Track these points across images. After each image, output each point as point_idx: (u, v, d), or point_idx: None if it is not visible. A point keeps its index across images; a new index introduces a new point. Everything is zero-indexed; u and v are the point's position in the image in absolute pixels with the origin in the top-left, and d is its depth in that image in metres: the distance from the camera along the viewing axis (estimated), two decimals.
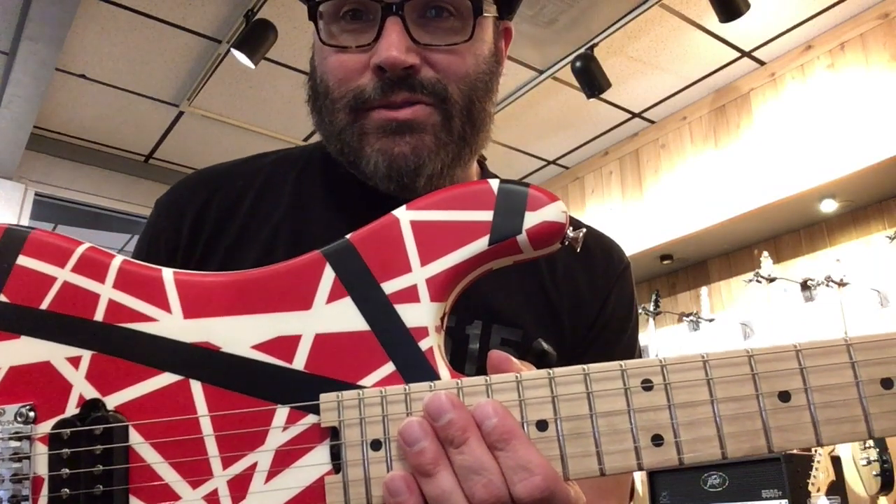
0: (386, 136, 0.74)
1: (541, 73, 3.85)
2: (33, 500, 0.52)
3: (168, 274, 0.58)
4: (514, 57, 3.67)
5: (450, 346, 0.76)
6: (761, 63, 3.83)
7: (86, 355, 0.55)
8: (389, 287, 0.54)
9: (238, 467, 0.51)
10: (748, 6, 3.07)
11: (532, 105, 4.13)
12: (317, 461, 0.50)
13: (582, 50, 3.57)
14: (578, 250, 0.58)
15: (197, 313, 0.56)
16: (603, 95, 3.75)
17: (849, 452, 3.19)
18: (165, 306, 0.56)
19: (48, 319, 0.56)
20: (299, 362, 0.53)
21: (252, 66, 3.37)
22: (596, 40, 3.54)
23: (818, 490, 2.98)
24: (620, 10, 3.39)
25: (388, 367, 0.52)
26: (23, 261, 0.58)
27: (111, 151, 4.64)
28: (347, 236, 0.57)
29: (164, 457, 0.52)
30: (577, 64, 3.57)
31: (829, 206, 3.64)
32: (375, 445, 0.49)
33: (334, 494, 0.49)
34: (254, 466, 0.51)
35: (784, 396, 0.47)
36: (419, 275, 0.54)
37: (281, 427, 0.51)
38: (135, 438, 0.52)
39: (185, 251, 0.82)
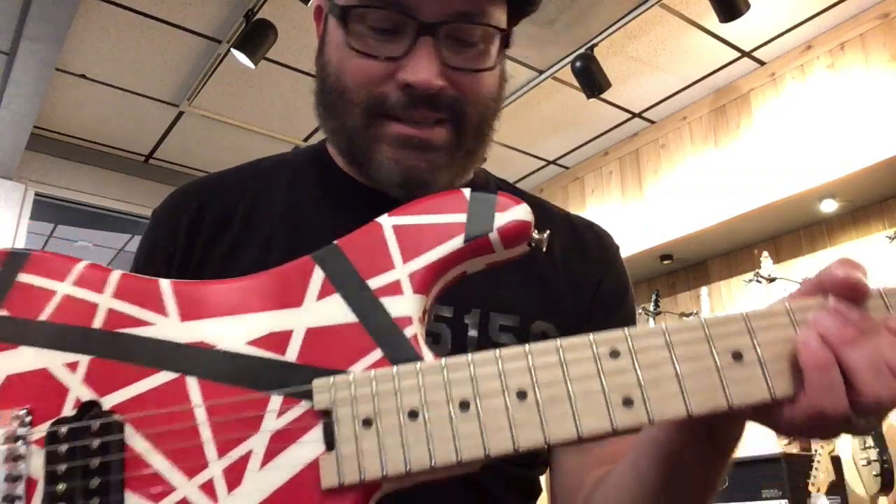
0: (403, 149, 0.76)
1: (541, 73, 3.85)
2: (27, 497, 0.52)
3: (165, 283, 0.60)
4: (514, 57, 3.67)
5: (449, 335, 0.79)
6: (761, 63, 3.83)
7: (83, 360, 0.56)
8: (374, 283, 0.58)
9: (233, 455, 0.52)
10: (748, 6, 3.07)
11: (532, 105, 4.13)
12: (311, 443, 0.52)
13: (582, 50, 3.58)
14: (544, 250, 0.62)
15: (193, 316, 0.58)
16: (603, 95, 3.75)
17: (849, 452, 3.19)
18: (162, 311, 0.58)
19: (47, 329, 0.57)
20: (292, 354, 0.55)
21: (252, 66, 3.37)
22: (596, 40, 3.54)
23: (818, 490, 2.99)
24: (620, 10, 3.39)
25: (376, 354, 0.55)
26: (23, 277, 0.59)
27: (111, 151, 4.64)
28: (335, 241, 0.61)
29: (159, 447, 0.52)
30: (577, 64, 3.57)
31: (829, 206, 3.64)
32: (367, 423, 0.51)
33: (328, 471, 0.50)
34: (249, 453, 0.52)
35: (737, 355, 0.51)
36: (402, 271, 0.58)
37: (275, 413, 0.53)
38: (129, 432, 0.53)
39: (182, 257, 0.83)
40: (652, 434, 0.64)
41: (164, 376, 0.55)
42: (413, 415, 0.51)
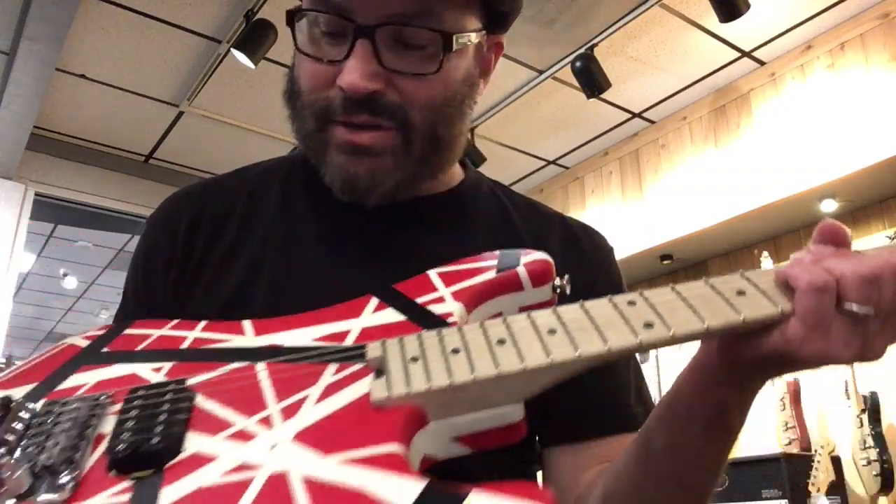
0: (346, 154, 0.76)
1: (541, 73, 3.85)
2: (94, 444, 0.55)
3: (245, 320, 0.70)
4: (514, 57, 3.67)
5: None
6: (761, 63, 3.83)
7: (167, 365, 0.64)
8: (421, 300, 0.69)
9: (290, 399, 0.57)
10: (748, 6, 3.07)
11: (532, 105, 4.13)
12: (363, 383, 0.57)
13: (582, 50, 3.57)
14: (568, 293, 0.70)
15: (266, 332, 0.67)
16: (603, 95, 3.75)
17: (849, 452, 3.19)
18: (240, 332, 0.68)
19: (141, 353, 0.67)
20: (349, 342, 0.64)
21: (252, 66, 3.37)
22: (596, 40, 3.54)
23: (818, 490, 2.99)
24: (620, 10, 3.39)
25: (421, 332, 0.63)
26: (129, 331, 0.71)
27: (111, 151, 4.64)
28: (392, 285, 0.72)
29: (223, 401, 0.58)
30: (577, 64, 3.57)
31: (829, 206, 3.64)
32: (414, 359, 0.57)
33: (377, 388, 0.55)
34: (305, 397, 0.57)
35: (740, 292, 0.57)
36: (445, 292, 0.69)
37: (332, 373, 0.59)
38: (198, 396, 0.59)
39: (182, 257, 0.83)
40: (659, 415, 0.66)
41: (235, 365, 0.62)
42: (455, 351, 0.57)
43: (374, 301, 0.69)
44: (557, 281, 0.69)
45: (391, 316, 0.66)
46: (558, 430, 0.81)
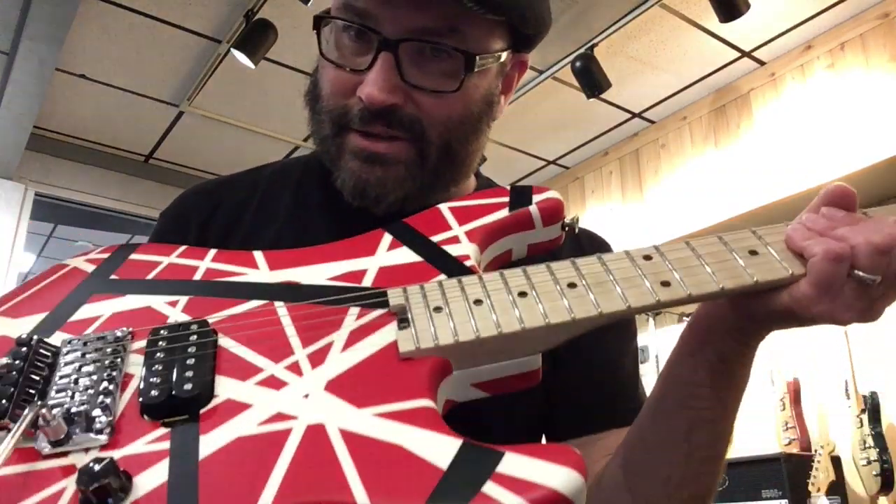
0: (359, 161, 0.77)
1: (541, 73, 3.85)
2: (122, 386, 0.55)
3: (256, 251, 0.70)
4: None
5: None
6: (761, 63, 3.83)
7: (183, 298, 0.64)
8: (436, 238, 0.69)
9: (316, 345, 0.57)
10: (748, 6, 3.07)
11: (532, 105, 4.12)
12: (388, 331, 0.58)
13: (582, 50, 3.57)
14: (577, 231, 0.72)
15: (280, 267, 0.67)
16: (603, 95, 3.75)
17: (849, 452, 3.19)
18: (254, 265, 0.68)
19: (152, 283, 0.66)
20: (367, 283, 0.64)
21: (252, 66, 3.37)
22: (596, 40, 3.54)
23: (818, 490, 2.99)
24: (620, 10, 3.39)
25: (440, 277, 0.64)
26: (134, 256, 0.70)
27: (111, 151, 4.63)
28: (402, 220, 0.72)
29: (248, 345, 0.58)
30: (577, 64, 3.57)
31: None
32: (437, 310, 0.58)
33: (404, 339, 0.56)
34: (331, 343, 0.57)
35: (752, 252, 0.59)
36: (459, 230, 0.69)
37: (354, 317, 0.60)
38: (222, 337, 0.59)
39: None
40: (667, 371, 0.68)
41: (254, 303, 0.63)
42: (478, 302, 0.58)
43: (387, 237, 0.69)
44: (567, 219, 0.71)
45: (407, 255, 0.67)
46: (568, 425, 0.82)
